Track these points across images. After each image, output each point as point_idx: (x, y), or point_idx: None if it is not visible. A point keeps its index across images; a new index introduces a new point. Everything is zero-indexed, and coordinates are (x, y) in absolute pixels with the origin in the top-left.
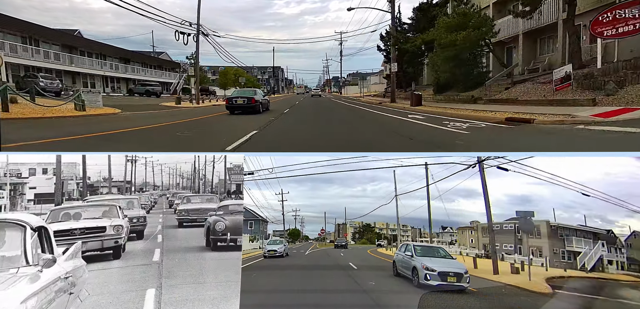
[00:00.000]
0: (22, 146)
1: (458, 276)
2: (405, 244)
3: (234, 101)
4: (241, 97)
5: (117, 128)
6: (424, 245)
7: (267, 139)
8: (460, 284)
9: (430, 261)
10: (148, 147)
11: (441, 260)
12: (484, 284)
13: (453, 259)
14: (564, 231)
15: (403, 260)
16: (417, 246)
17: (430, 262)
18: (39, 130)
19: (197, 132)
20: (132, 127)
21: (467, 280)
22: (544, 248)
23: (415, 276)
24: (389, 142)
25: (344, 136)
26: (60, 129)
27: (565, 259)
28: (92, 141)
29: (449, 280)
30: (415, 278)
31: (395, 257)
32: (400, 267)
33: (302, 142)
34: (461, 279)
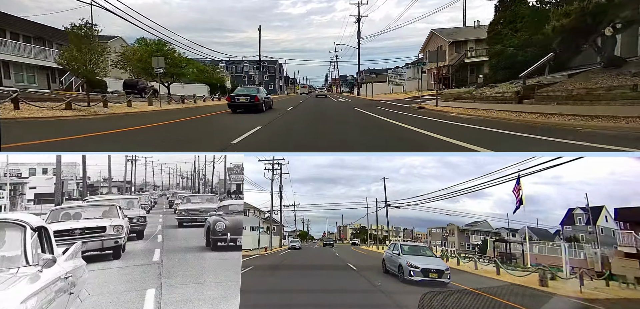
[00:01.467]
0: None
1: (439, 272)
2: (394, 243)
3: (236, 98)
4: (244, 95)
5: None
6: (410, 244)
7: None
8: (441, 279)
9: (414, 259)
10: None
11: (424, 258)
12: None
13: (435, 258)
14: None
15: (391, 258)
16: (404, 245)
17: (414, 260)
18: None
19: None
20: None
21: (448, 276)
22: (455, 242)
23: (401, 273)
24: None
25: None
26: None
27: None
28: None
29: (430, 276)
30: (401, 274)
31: (384, 255)
32: (389, 265)
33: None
34: (442, 276)
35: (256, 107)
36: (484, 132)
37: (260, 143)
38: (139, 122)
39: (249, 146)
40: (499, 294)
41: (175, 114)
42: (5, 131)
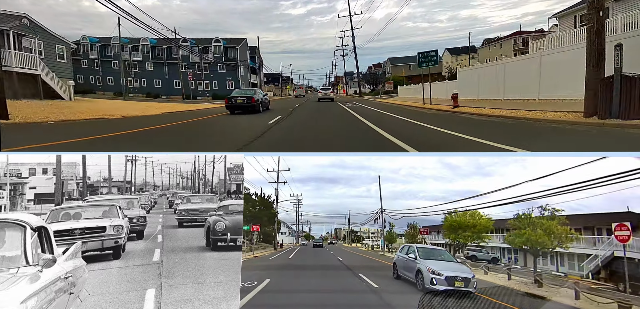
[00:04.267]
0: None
1: (465, 281)
2: (407, 245)
3: (233, 100)
4: (241, 97)
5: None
6: (426, 247)
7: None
8: (467, 289)
9: (436, 264)
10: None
11: (447, 264)
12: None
13: (457, 263)
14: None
15: (405, 263)
16: (420, 248)
17: (435, 265)
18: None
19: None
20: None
21: (474, 285)
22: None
23: (420, 280)
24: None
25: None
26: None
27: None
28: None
29: (456, 285)
30: (420, 281)
31: (395, 259)
32: (402, 270)
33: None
34: (468, 285)
35: (253, 108)
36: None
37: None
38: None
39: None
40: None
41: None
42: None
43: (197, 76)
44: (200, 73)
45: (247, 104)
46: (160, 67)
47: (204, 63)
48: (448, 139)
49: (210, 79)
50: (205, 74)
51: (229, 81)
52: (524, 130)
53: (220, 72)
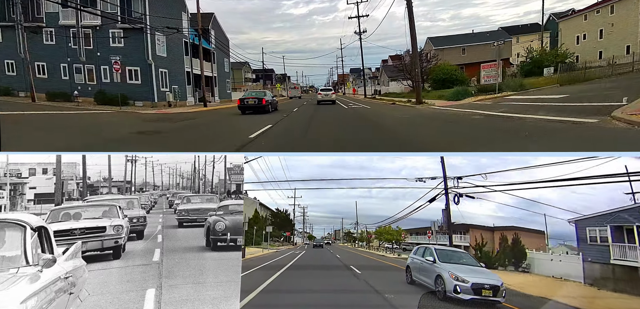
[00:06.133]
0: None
1: (494, 289)
2: (423, 247)
3: (245, 101)
4: (252, 98)
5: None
6: (444, 249)
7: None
8: (496, 298)
9: (459, 269)
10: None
11: (472, 269)
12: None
13: (483, 268)
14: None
15: (421, 266)
16: (438, 250)
17: (459, 270)
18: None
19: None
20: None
21: (503, 294)
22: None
23: (440, 286)
24: None
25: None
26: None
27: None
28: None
29: (483, 294)
30: (440, 288)
31: (409, 262)
32: (418, 274)
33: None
34: (497, 293)
35: (264, 109)
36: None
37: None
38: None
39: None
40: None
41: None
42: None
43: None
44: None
45: (257, 105)
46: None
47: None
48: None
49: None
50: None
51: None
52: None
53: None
